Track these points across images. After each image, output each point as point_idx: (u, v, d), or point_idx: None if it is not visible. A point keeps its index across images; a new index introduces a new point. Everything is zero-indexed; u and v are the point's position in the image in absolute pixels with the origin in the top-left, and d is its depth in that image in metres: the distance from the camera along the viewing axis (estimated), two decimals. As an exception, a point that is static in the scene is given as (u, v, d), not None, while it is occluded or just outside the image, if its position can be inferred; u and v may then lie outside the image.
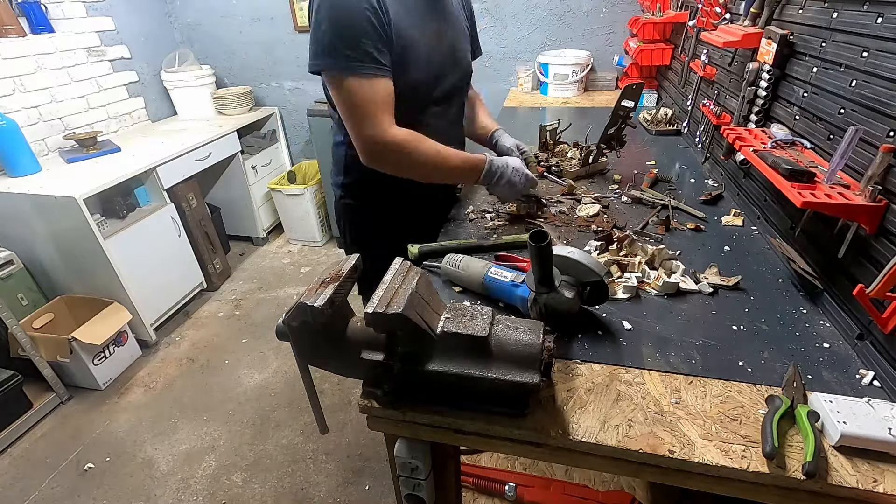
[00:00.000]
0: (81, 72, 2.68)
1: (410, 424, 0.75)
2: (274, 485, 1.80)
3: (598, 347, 0.83)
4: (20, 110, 2.38)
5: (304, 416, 2.06)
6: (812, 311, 0.90)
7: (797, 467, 0.62)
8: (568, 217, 1.27)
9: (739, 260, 1.07)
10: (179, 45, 3.29)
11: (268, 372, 2.32)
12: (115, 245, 2.21)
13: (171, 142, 2.69)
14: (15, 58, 2.35)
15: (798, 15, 1.09)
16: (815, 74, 1.01)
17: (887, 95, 0.80)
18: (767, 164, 0.93)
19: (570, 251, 0.83)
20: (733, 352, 0.81)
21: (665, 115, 1.96)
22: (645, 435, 0.67)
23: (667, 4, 2.21)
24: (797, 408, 0.68)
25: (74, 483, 1.83)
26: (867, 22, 0.86)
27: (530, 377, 0.64)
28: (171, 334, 2.61)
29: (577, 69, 2.59)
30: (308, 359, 0.76)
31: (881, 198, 0.79)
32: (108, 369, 2.28)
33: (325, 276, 0.72)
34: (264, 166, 3.34)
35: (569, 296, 0.82)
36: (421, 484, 0.80)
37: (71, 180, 2.18)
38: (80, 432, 2.05)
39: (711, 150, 1.56)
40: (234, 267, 3.19)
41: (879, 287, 0.71)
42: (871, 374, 0.76)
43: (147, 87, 3.12)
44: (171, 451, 1.94)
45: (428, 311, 0.69)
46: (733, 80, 1.41)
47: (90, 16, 2.73)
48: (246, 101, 3.23)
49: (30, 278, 2.25)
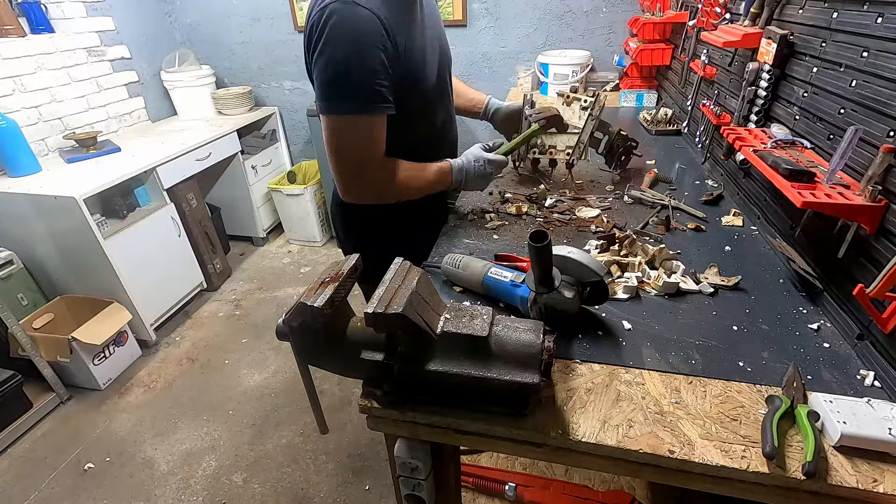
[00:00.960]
0: (81, 72, 2.69)
1: (410, 424, 0.75)
2: (274, 485, 1.80)
3: (598, 347, 0.83)
4: (20, 110, 2.38)
5: (304, 416, 2.06)
6: (812, 311, 0.90)
7: (797, 467, 0.62)
8: (567, 217, 1.27)
9: (739, 260, 1.07)
10: (179, 45, 3.29)
11: (268, 372, 2.32)
12: (115, 245, 2.21)
13: (172, 142, 2.69)
14: (15, 58, 2.35)
15: (798, 15, 1.09)
16: (815, 74, 1.01)
17: (887, 95, 0.80)
18: (767, 164, 0.93)
19: (570, 251, 0.83)
20: (733, 352, 0.81)
21: (665, 115, 1.96)
22: (645, 435, 0.67)
23: (667, 4, 2.21)
24: (797, 408, 0.68)
25: (74, 483, 1.83)
26: (867, 22, 0.86)
27: (530, 377, 0.64)
28: (171, 334, 2.61)
29: (578, 69, 2.59)
30: (308, 359, 0.76)
31: (881, 198, 0.79)
32: (108, 369, 2.28)
33: (325, 276, 0.72)
34: (264, 166, 3.34)
35: (569, 296, 0.82)
36: (421, 484, 0.80)
37: (71, 180, 2.18)
38: (80, 432, 2.05)
39: (711, 150, 1.56)
40: (234, 267, 3.19)
41: (879, 287, 0.71)
42: (872, 375, 0.76)
43: (147, 87, 3.12)
44: (171, 451, 1.94)
45: (428, 311, 0.69)
46: (733, 80, 1.41)
47: (90, 16, 2.73)
48: (246, 101, 3.23)
49: (30, 278, 2.25)
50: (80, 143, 2.45)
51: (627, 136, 1.48)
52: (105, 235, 2.18)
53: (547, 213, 1.29)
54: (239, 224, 3.39)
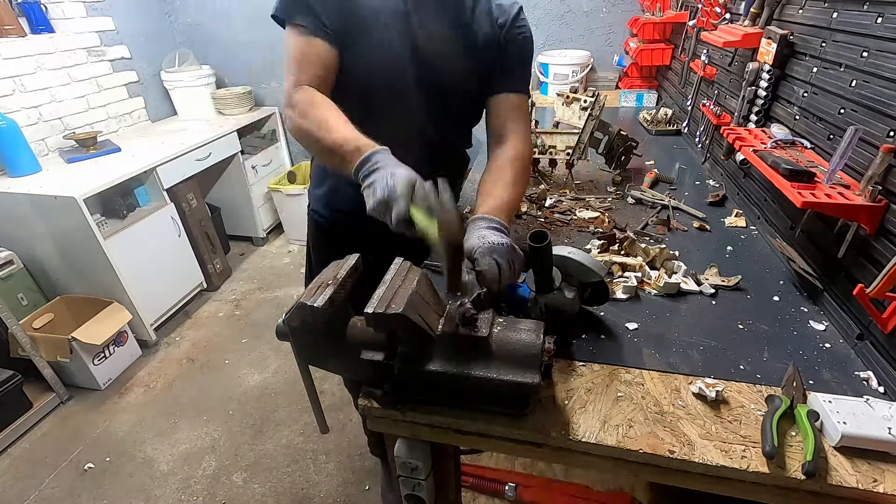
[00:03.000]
0: (81, 72, 2.68)
1: (410, 424, 0.75)
2: (274, 485, 1.79)
3: (598, 347, 0.83)
4: (20, 110, 2.38)
5: (305, 416, 2.06)
6: (812, 311, 0.90)
7: (797, 467, 0.62)
8: (567, 217, 1.27)
9: (740, 260, 1.07)
10: (179, 45, 3.29)
11: (268, 372, 2.32)
12: (115, 245, 2.21)
13: (171, 142, 2.69)
14: (15, 58, 2.34)
15: (798, 15, 1.09)
16: (815, 74, 1.01)
17: (887, 95, 0.80)
18: (767, 164, 0.93)
19: (570, 251, 0.83)
20: (733, 352, 0.81)
21: (665, 115, 1.96)
22: (645, 435, 0.67)
23: (667, 4, 2.21)
24: (797, 407, 0.68)
25: (74, 483, 1.83)
26: (867, 22, 0.86)
27: (530, 377, 0.64)
28: (171, 334, 2.61)
29: (577, 69, 2.59)
30: (308, 359, 0.76)
31: (881, 198, 0.79)
32: (108, 369, 2.28)
33: (325, 277, 0.72)
34: (264, 166, 3.34)
35: (569, 296, 0.82)
36: (421, 484, 0.80)
37: (71, 180, 2.17)
38: (80, 432, 2.05)
39: (711, 150, 1.56)
40: (234, 267, 3.19)
41: (879, 287, 0.71)
42: (872, 375, 0.76)
43: (147, 87, 3.12)
44: (171, 451, 1.94)
45: (428, 311, 0.69)
46: (733, 80, 1.41)
47: (90, 16, 2.73)
48: (246, 102, 3.22)
49: (30, 278, 2.25)
50: (80, 143, 2.45)
51: (627, 135, 1.48)
52: (105, 235, 2.18)
53: (547, 213, 1.29)
54: (239, 224, 3.39)
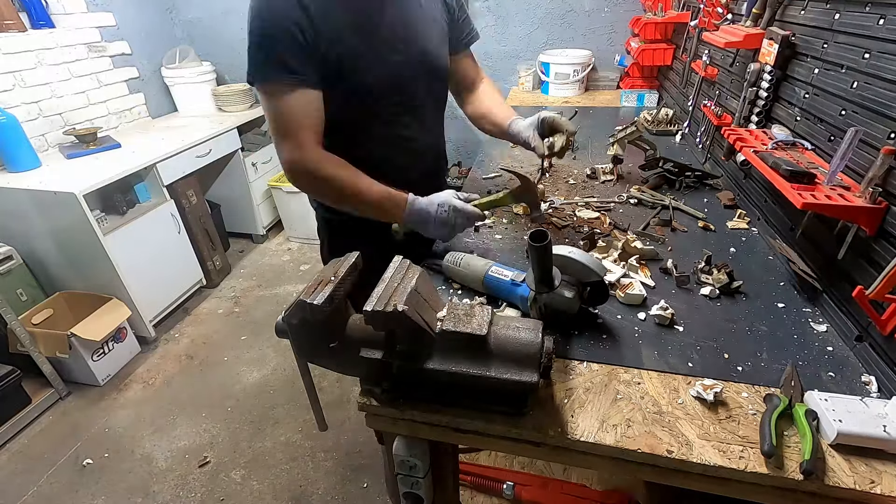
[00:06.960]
0: (82, 67, 2.68)
1: (409, 422, 0.75)
2: (272, 482, 1.80)
3: (597, 347, 0.84)
4: (20, 105, 2.37)
5: (303, 414, 2.06)
6: (811, 313, 0.91)
7: (795, 468, 0.62)
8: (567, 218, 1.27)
9: (740, 261, 1.07)
10: (180, 42, 3.29)
11: (267, 369, 2.32)
12: (114, 241, 2.21)
13: (172, 138, 2.69)
14: (15, 53, 2.34)
15: (800, 16, 1.09)
16: (816, 76, 1.01)
17: (888, 97, 0.80)
18: (768, 165, 0.93)
19: (570, 251, 0.83)
20: (732, 352, 0.81)
21: (666, 116, 1.96)
22: (643, 435, 0.68)
23: (668, 4, 2.21)
24: (795, 406, 0.68)
25: (73, 479, 1.83)
26: (869, 23, 0.86)
27: (529, 376, 0.65)
28: (171, 331, 2.61)
29: (579, 68, 2.58)
30: (307, 356, 0.76)
31: (881, 200, 0.79)
32: (107, 365, 2.28)
33: (325, 274, 0.72)
34: (264, 163, 3.33)
35: (569, 296, 0.82)
36: (419, 482, 0.80)
37: (71, 176, 2.17)
38: (78, 428, 2.05)
39: (712, 150, 1.56)
40: (233, 264, 3.19)
41: (879, 289, 0.71)
42: (874, 380, 0.76)
43: (147, 83, 3.11)
44: (169, 448, 1.94)
45: (427, 310, 0.69)
46: (734, 80, 1.41)
47: (91, 11, 2.72)
48: (246, 98, 3.22)
49: (29, 274, 2.25)
50: (80, 138, 2.45)
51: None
52: (105, 231, 2.17)
53: (547, 214, 1.29)
54: (239, 221, 3.38)
